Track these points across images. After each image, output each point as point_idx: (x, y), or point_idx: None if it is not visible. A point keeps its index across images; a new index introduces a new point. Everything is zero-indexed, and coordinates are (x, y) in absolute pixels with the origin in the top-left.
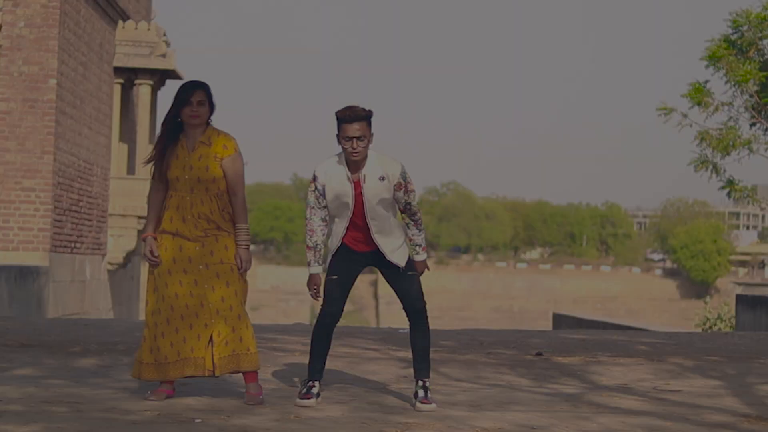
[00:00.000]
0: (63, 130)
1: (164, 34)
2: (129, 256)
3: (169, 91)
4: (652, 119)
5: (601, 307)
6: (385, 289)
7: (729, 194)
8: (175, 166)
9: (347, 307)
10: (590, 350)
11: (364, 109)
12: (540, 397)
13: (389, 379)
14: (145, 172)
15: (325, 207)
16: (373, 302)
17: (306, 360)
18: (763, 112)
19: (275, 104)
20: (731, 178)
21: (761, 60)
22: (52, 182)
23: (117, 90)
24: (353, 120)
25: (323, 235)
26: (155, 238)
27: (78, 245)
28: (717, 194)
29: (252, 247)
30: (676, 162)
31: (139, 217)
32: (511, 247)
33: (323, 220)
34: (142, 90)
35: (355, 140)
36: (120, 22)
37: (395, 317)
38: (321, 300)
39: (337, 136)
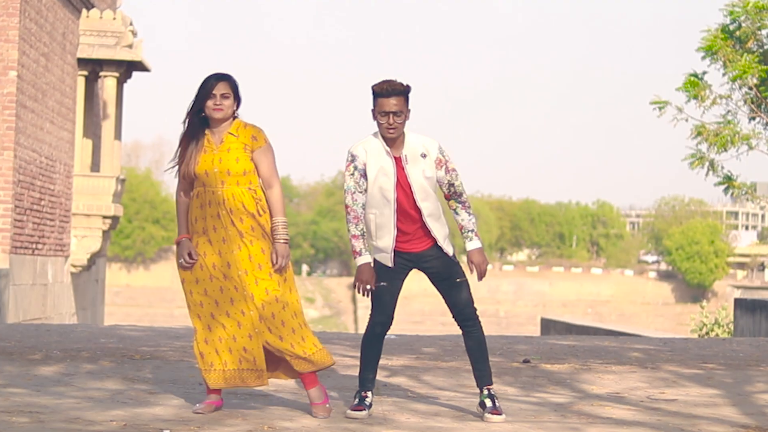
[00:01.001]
0: (24, 125)
1: (131, 24)
2: (93, 258)
3: (135, 83)
4: (646, 113)
5: (592, 311)
6: None
7: (727, 192)
8: (203, 160)
9: (323, 311)
10: (580, 357)
11: (402, 83)
12: (527, 406)
13: None
14: (111, 168)
15: (365, 191)
16: (351, 306)
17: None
18: (762, 106)
19: (247, 96)
20: (729, 175)
21: (760, 52)
22: (12, 180)
23: (81, 82)
24: (390, 94)
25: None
26: (190, 239)
27: (40, 246)
28: (714, 192)
29: None
30: (671, 158)
31: (104, 217)
32: (496, 248)
33: (365, 206)
34: (108, 83)
35: (391, 115)
36: (84, 10)
37: None
38: (369, 295)
39: (373, 111)
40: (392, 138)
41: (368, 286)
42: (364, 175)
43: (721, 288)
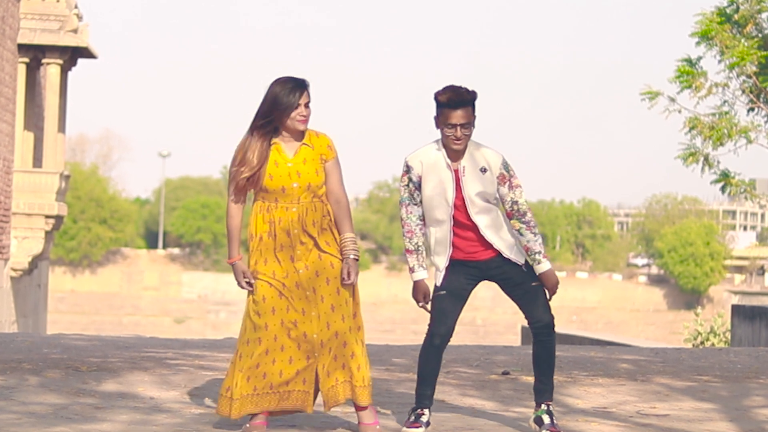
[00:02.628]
0: None
1: (75, 7)
2: (35, 261)
3: (81, 71)
4: (635, 104)
5: (578, 319)
6: None
7: (723, 190)
8: (277, 174)
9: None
10: (564, 369)
11: (469, 91)
12: (507, 422)
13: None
14: (54, 164)
15: (420, 203)
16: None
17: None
18: (762, 96)
19: (205, 88)
20: (726, 171)
21: (760, 37)
22: None
23: (22, 70)
24: (458, 105)
25: (423, 235)
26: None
27: None
28: (710, 190)
29: (176, 250)
30: (663, 153)
31: (47, 216)
32: None
33: (421, 218)
34: (51, 70)
35: (459, 128)
36: None
37: None
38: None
39: (436, 119)
40: (458, 150)
41: (420, 304)
42: (419, 188)
43: (717, 293)
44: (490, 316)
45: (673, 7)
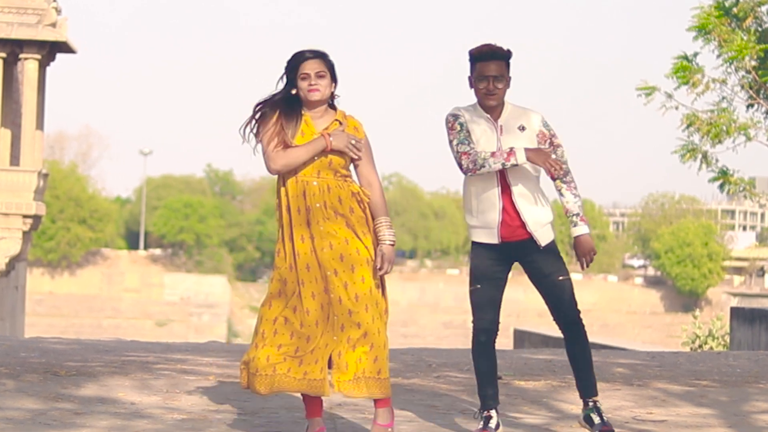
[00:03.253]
0: None
1: (54, 0)
2: (13, 262)
3: (59, 66)
4: (631, 100)
5: None
6: None
7: (722, 188)
8: (301, 142)
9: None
10: (558, 373)
11: (502, 48)
12: (499, 428)
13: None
14: (32, 162)
15: None
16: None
17: None
18: (762, 92)
19: (187, 84)
20: (724, 170)
21: (759, 30)
22: None
23: None
24: (490, 58)
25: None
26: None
27: None
28: (708, 188)
29: (158, 251)
30: (660, 151)
31: (25, 216)
32: (464, 252)
33: None
34: (29, 65)
35: (492, 80)
36: None
37: None
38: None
39: (470, 78)
40: (492, 106)
41: None
42: (470, 135)
43: (715, 295)
44: None
45: (670, 1)
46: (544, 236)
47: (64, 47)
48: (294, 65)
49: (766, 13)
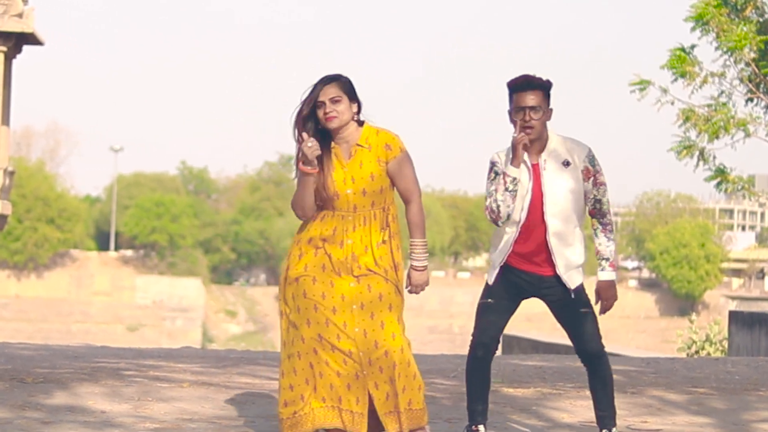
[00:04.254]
0: None
1: None
2: None
3: (26, 59)
4: (624, 95)
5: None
6: None
7: (720, 186)
8: (333, 179)
9: (247, 326)
10: (549, 380)
11: (541, 78)
12: None
13: None
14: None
15: None
16: (280, 321)
17: None
18: (762, 86)
19: (159, 78)
20: (722, 167)
21: (760, 21)
22: None
23: None
24: (527, 87)
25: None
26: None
27: None
28: (705, 187)
29: (129, 252)
30: (655, 147)
31: None
32: (450, 253)
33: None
34: None
35: (528, 111)
36: None
37: None
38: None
39: (510, 113)
40: (530, 140)
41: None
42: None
43: (713, 299)
44: (469, 323)
45: None
46: (574, 280)
47: (31, 39)
48: (310, 96)
49: (766, 3)
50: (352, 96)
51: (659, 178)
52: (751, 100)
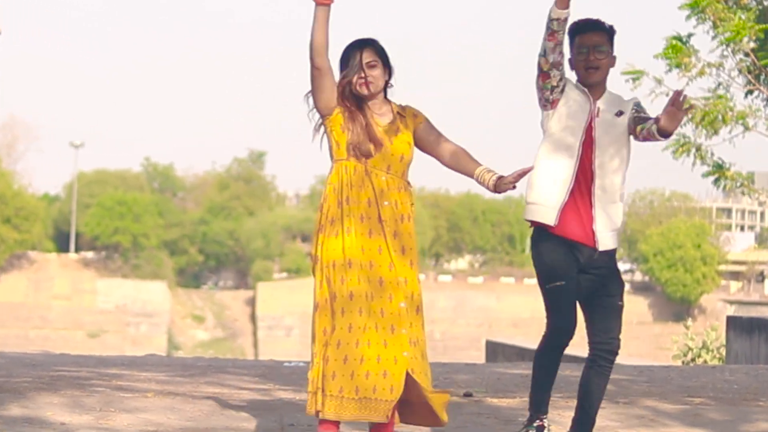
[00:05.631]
0: None
1: None
2: None
3: None
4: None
5: None
6: (266, 309)
7: (717, 184)
8: (379, 133)
9: (215, 332)
10: None
11: (605, 22)
12: None
13: (271, 429)
14: None
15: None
16: (251, 326)
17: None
18: (761, 77)
19: (122, 69)
20: (720, 163)
21: (759, 8)
22: None
23: None
24: (591, 29)
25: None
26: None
27: None
28: (701, 184)
29: (90, 254)
30: (648, 144)
31: None
32: (431, 255)
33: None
34: None
35: (593, 50)
36: None
37: (278, 346)
38: None
39: (570, 60)
40: (594, 82)
41: None
42: (561, 91)
43: (710, 303)
44: (451, 329)
45: None
46: (609, 242)
47: None
48: (344, 58)
49: None
50: (386, 62)
51: (652, 175)
52: (751, 92)
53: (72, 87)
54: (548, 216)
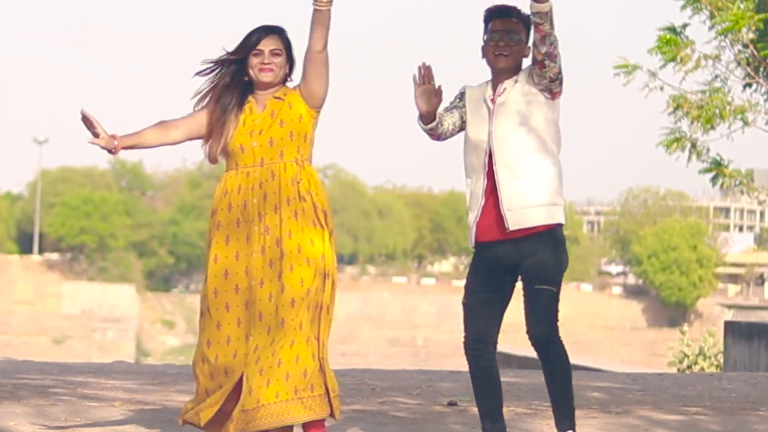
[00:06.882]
0: None
1: None
2: None
3: None
4: (608, 80)
5: None
6: None
7: (714, 182)
8: (239, 133)
9: (186, 338)
10: (524, 398)
11: (516, 8)
12: None
13: None
14: None
15: (451, 117)
16: None
17: None
18: (761, 69)
19: (88, 60)
20: (718, 160)
21: None
22: None
23: None
24: (500, 15)
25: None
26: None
27: None
28: (698, 182)
29: (55, 255)
30: (642, 138)
31: None
32: (413, 256)
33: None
34: None
35: (501, 33)
36: None
37: None
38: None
39: (482, 49)
40: (502, 69)
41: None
42: (456, 109)
43: (707, 308)
44: (434, 335)
45: None
46: (519, 219)
47: None
48: (247, 41)
49: None
50: (290, 53)
51: (646, 173)
52: (750, 85)
53: (35, 79)
54: (470, 237)
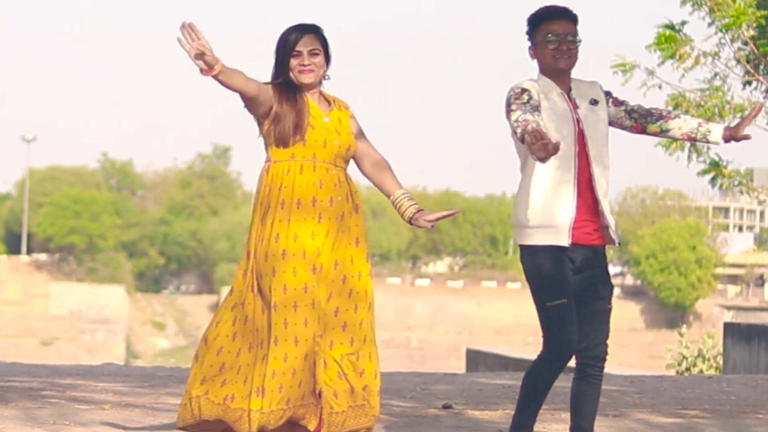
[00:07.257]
0: None
1: None
2: None
3: None
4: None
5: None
6: None
7: (714, 182)
8: (318, 125)
9: (177, 340)
10: None
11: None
12: None
13: None
14: None
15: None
16: None
17: None
18: (761, 67)
19: (79, 59)
20: (717, 160)
21: None
22: None
23: None
24: (559, 16)
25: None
26: None
27: None
28: (697, 182)
29: (43, 256)
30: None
31: None
32: (407, 257)
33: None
34: None
35: (564, 38)
36: None
37: None
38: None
39: (531, 48)
40: (564, 69)
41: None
42: (538, 109)
43: (706, 309)
44: (429, 337)
45: None
46: (613, 235)
47: None
48: (284, 43)
49: None
50: (327, 52)
51: (645, 173)
52: (750, 83)
53: (23, 77)
54: (561, 238)
